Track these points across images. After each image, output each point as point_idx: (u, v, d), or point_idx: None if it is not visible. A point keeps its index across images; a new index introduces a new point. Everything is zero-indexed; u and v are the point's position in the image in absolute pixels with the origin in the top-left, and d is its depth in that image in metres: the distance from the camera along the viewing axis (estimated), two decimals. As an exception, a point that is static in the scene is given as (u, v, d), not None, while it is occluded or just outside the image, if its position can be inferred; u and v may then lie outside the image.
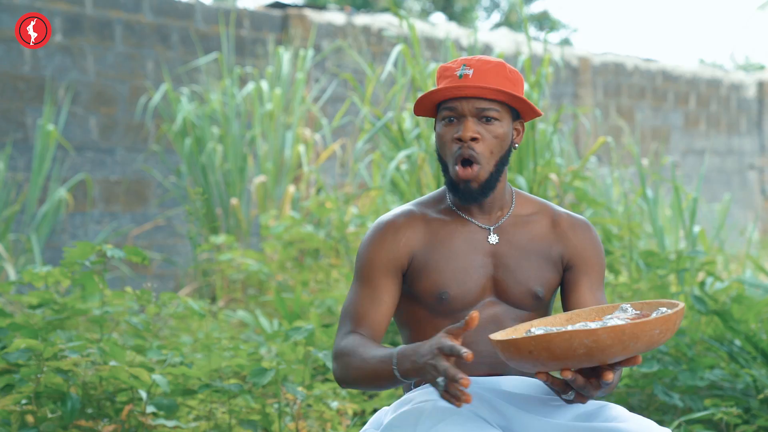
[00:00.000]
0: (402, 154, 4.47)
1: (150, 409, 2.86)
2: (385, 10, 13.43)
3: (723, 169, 11.21)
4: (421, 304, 2.03)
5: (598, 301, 2.04)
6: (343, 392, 3.25)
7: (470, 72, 1.97)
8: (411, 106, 4.76)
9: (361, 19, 7.87)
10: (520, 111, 2.03)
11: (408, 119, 4.80)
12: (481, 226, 2.04)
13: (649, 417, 3.49)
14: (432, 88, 2.01)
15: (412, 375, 1.80)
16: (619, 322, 1.66)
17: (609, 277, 4.49)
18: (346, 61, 7.54)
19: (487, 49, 8.32)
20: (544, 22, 19.97)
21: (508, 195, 2.07)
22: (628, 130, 8.15)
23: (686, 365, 3.42)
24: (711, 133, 11.11)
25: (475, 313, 1.70)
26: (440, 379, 1.70)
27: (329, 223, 5.49)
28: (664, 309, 1.73)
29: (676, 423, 3.21)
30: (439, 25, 8.64)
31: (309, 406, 3.15)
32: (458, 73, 1.97)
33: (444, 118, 2.00)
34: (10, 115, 6.05)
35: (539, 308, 2.03)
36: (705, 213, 9.08)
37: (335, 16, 7.68)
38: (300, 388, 3.02)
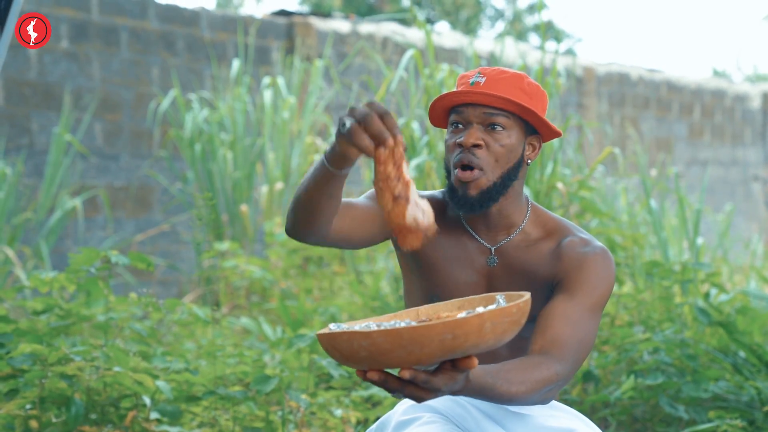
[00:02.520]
0: (414, 162, 4.46)
1: (154, 415, 2.86)
2: (391, 18, 13.44)
3: (727, 180, 11.20)
4: (413, 297, 2.02)
5: (563, 311, 1.84)
6: (347, 400, 3.25)
7: (483, 80, 1.91)
8: (422, 112, 4.75)
9: (366, 27, 7.88)
10: (535, 126, 1.94)
11: (417, 127, 4.80)
12: (484, 244, 1.97)
13: (653, 428, 3.49)
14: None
15: (334, 149, 1.64)
16: (408, 324, 1.49)
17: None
18: (349, 69, 7.55)
19: (492, 58, 8.32)
20: (548, 32, 19.97)
21: (520, 214, 1.97)
22: (636, 138, 8.15)
23: (690, 377, 3.41)
24: (715, 144, 11.10)
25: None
26: (347, 120, 1.54)
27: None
28: (481, 309, 1.54)
29: (680, 434, 3.20)
30: (444, 34, 8.66)
31: (313, 413, 3.15)
32: (471, 80, 1.93)
33: (452, 124, 1.95)
34: (15, 120, 6.06)
35: (526, 329, 1.92)
36: (709, 224, 9.07)
37: (340, 24, 7.70)
38: (304, 396, 3.02)
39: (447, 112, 1.97)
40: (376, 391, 3.28)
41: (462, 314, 1.52)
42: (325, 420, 3.12)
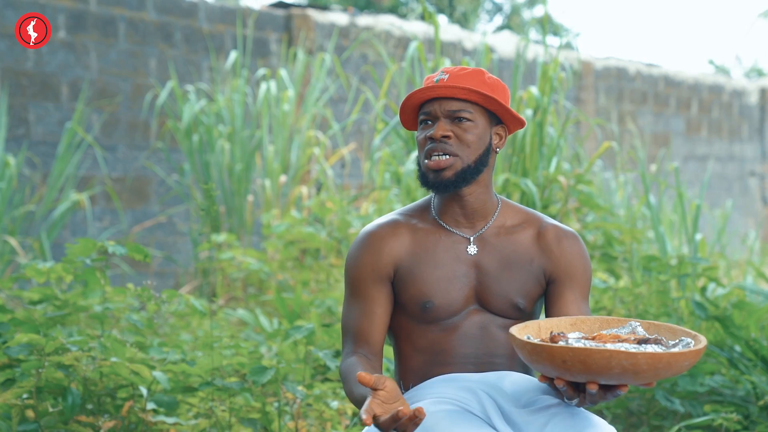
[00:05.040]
0: (415, 154, 4.46)
1: (150, 405, 2.86)
2: (389, 11, 13.42)
3: (724, 175, 11.21)
4: (406, 313, 2.05)
5: (581, 313, 2.05)
6: (343, 392, 3.25)
7: (446, 77, 2.02)
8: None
9: (364, 20, 7.87)
10: (500, 116, 2.06)
11: None
12: (462, 236, 2.06)
13: (649, 422, 3.49)
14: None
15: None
16: (658, 350, 1.70)
17: (610, 281, 4.49)
18: (347, 61, 7.54)
19: (491, 52, 8.31)
20: (547, 26, 19.94)
21: (492, 205, 2.09)
22: (636, 133, 8.15)
23: (686, 371, 3.41)
24: (712, 139, 11.11)
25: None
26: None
27: (331, 223, 5.49)
28: (688, 340, 1.76)
29: (675, 428, 3.21)
30: (442, 27, 8.65)
31: (309, 405, 3.15)
32: (435, 78, 2.04)
33: (421, 123, 2.06)
34: (12, 111, 6.05)
35: (523, 317, 2.05)
36: (706, 219, 9.08)
37: (338, 17, 7.69)
38: (300, 388, 3.02)
39: (416, 112, 2.08)
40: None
41: (677, 348, 1.74)
42: (321, 411, 3.12)
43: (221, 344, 3.00)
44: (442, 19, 18.23)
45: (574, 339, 1.77)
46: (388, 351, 3.21)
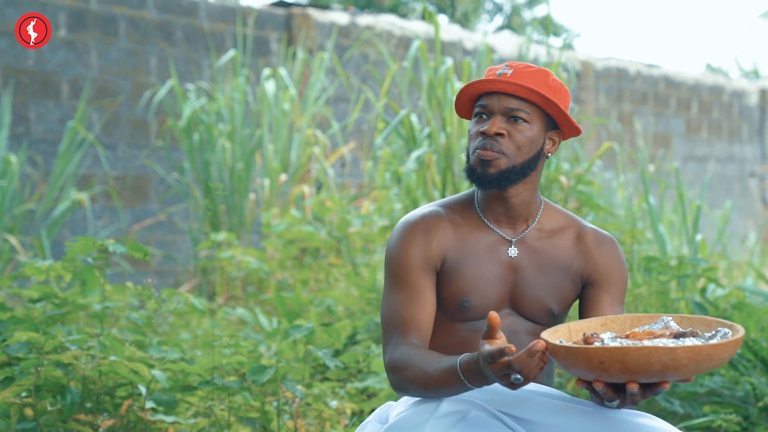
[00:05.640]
0: (415, 154, 4.45)
1: (149, 404, 2.86)
2: (390, 10, 13.42)
3: (724, 176, 11.21)
4: (441, 308, 2.01)
5: (610, 308, 2.03)
6: (342, 392, 3.25)
7: (510, 71, 1.97)
8: (423, 104, 4.74)
9: (365, 19, 7.87)
10: (557, 121, 2.01)
11: (416, 119, 4.78)
12: (504, 237, 2.02)
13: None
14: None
15: (484, 384, 1.79)
16: (697, 342, 1.67)
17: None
18: (347, 61, 7.54)
19: (491, 53, 8.31)
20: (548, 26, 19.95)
21: (536, 207, 2.05)
22: (639, 133, 8.16)
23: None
24: (712, 140, 11.11)
25: (493, 314, 1.69)
26: (515, 378, 1.68)
27: (331, 222, 5.49)
28: (725, 330, 1.72)
29: (675, 429, 3.21)
30: (442, 27, 8.64)
31: (308, 404, 3.15)
32: (498, 71, 1.98)
33: (476, 115, 2.01)
34: (12, 109, 6.04)
35: (553, 323, 2.03)
36: (706, 220, 9.08)
37: (339, 16, 7.68)
38: (299, 387, 3.02)
39: (473, 102, 2.03)
40: (371, 382, 3.28)
41: (716, 339, 1.71)
42: (320, 411, 3.12)
43: (220, 343, 3.00)
44: (442, 18, 18.22)
45: (609, 338, 1.73)
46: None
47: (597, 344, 1.68)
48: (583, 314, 2.06)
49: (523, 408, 1.88)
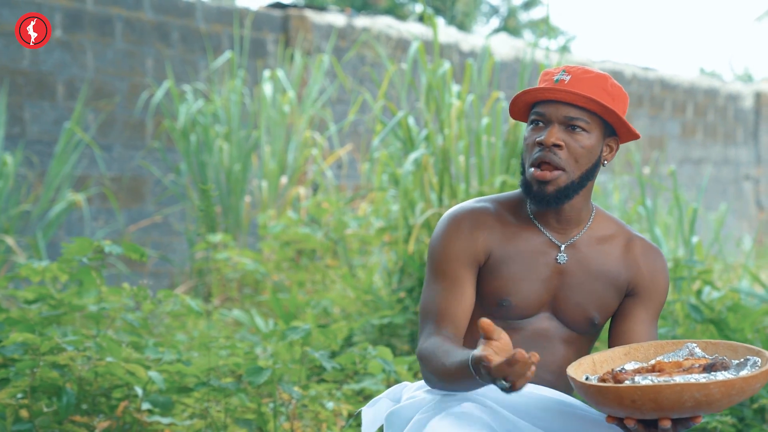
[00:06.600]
0: (412, 156, 4.45)
1: (145, 405, 2.86)
2: (386, 12, 13.43)
3: (719, 179, 11.24)
4: (479, 304, 1.99)
5: (651, 336, 1.98)
6: (339, 393, 3.25)
7: (567, 78, 1.92)
8: (422, 105, 4.74)
9: (362, 21, 7.87)
10: (614, 127, 1.96)
11: (413, 120, 4.79)
12: (553, 241, 1.98)
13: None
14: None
15: (489, 381, 1.75)
16: (729, 376, 1.65)
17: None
18: (344, 62, 7.54)
19: (484, 53, 8.31)
20: (543, 28, 19.97)
21: (587, 213, 2.01)
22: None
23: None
24: (707, 143, 11.13)
25: (484, 320, 1.65)
26: (500, 385, 1.65)
27: (328, 224, 5.49)
28: (754, 359, 1.70)
29: (670, 431, 3.21)
30: (439, 29, 8.65)
31: (304, 406, 3.15)
32: (556, 77, 1.93)
33: (532, 122, 1.96)
34: (8, 110, 6.04)
35: (592, 332, 2.00)
36: (701, 222, 9.10)
37: (335, 18, 7.69)
38: (296, 388, 3.02)
39: (529, 107, 1.97)
40: (368, 384, 3.28)
41: (746, 369, 1.69)
42: (316, 412, 3.12)
43: (217, 344, 3.00)
44: (439, 21, 18.24)
45: (641, 377, 1.69)
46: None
47: (628, 382, 1.65)
48: (614, 325, 2.01)
49: (523, 408, 1.88)
